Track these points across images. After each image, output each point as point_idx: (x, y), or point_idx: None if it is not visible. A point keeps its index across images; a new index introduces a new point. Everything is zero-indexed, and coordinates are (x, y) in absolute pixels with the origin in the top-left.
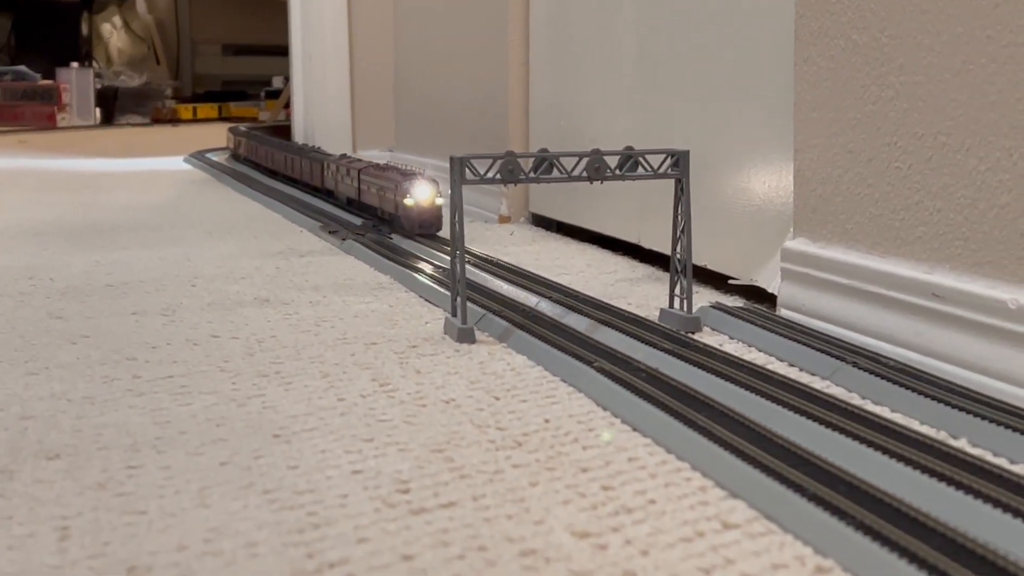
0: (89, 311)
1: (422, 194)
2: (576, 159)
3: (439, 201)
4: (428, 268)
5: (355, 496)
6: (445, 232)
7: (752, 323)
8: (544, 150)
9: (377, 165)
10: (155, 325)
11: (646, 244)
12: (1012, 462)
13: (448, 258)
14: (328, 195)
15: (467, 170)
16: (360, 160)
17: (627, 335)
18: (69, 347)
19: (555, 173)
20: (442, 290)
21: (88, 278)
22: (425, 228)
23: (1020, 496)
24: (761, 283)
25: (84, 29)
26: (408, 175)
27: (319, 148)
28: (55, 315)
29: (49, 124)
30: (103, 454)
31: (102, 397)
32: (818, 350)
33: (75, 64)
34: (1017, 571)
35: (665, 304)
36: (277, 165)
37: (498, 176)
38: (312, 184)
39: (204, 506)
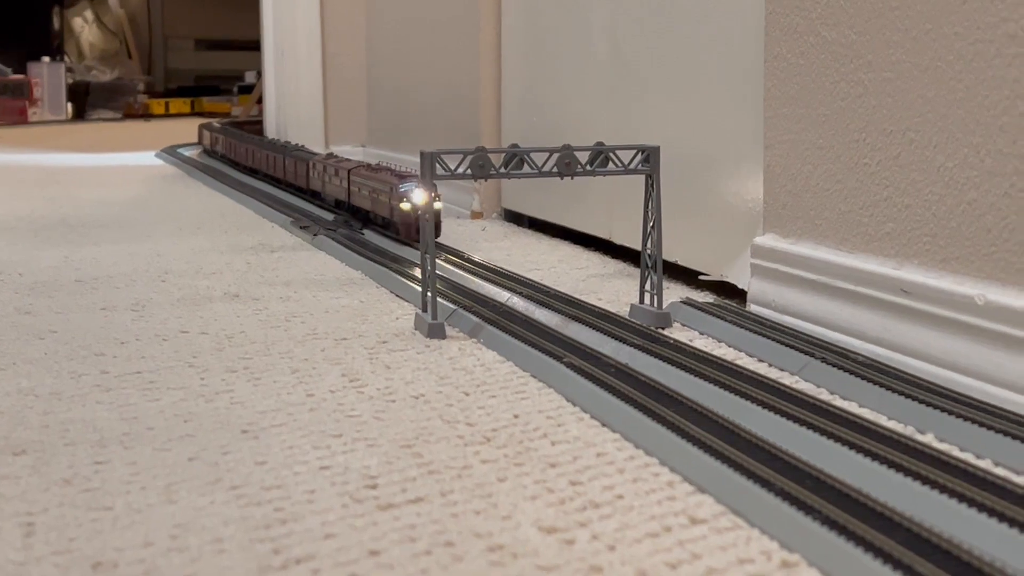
0: (57, 306)
1: (419, 198)
2: (547, 155)
3: (438, 205)
4: (399, 264)
5: (323, 492)
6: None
7: (722, 319)
8: (515, 145)
9: (368, 165)
10: (124, 321)
11: (617, 240)
12: (978, 457)
13: (419, 254)
14: (313, 196)
15: (438, 165)
16: (348, 160)
17: (597, 331)
18: (37, 342)
19: (526, 168)
20: (413, 286)
21: (57, 273)
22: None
23: (985, 491)
24: (731, 279)
25: (56, 23)
26: (404, 177)
27: (302, 146)
28: (23, 310)
29: (20, 119)
30: (70, 450)
31: (69, 393)
32: (787, 346)
33: (46, 59)
34: (981, 565)
35: (636, 299)
36: (258, 164)
37: (469, 171)
38: (296, 184)
39: (170, 502)
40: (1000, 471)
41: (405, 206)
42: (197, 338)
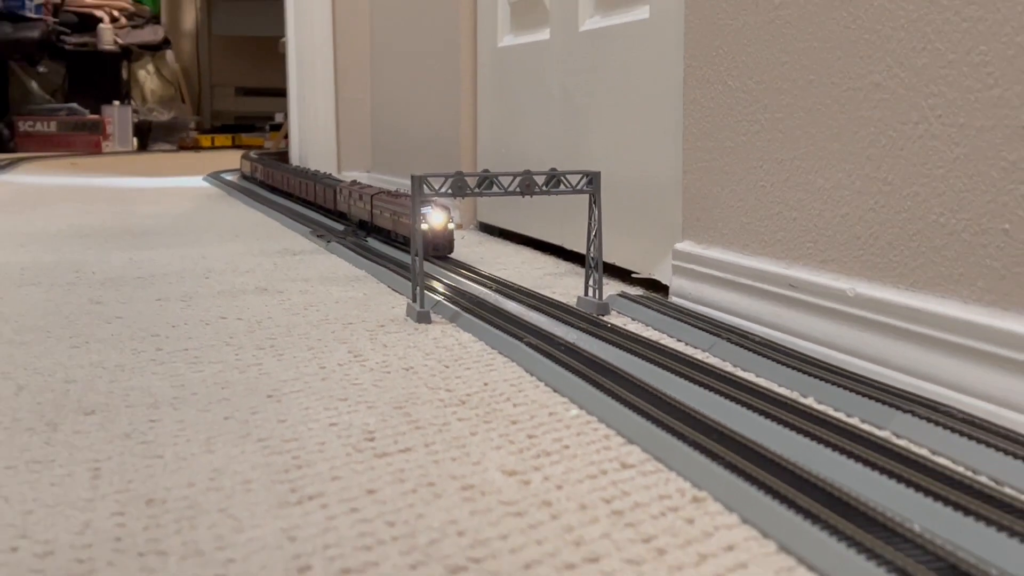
0: (122, 297)
1: (436, 220)
2: (511, 178)
3: (451, 226)
4: (395, 265)
5: (331, 444)
6: (456, 254)
7: (649, 308)
8: (486, 171)
9: (388, 192)
10: (175, 309)
11: (568, 246)
12: (848, 415)
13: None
14: (340, 216)
15: (425, 186)
16: (370, 186)
17: (551, 317)
18: (105, 326)
19: (495, 189)
20: (406, 281)
21: (123, 271)
22: (439, 251)
23: (854, 443)
24: (657, 276)
25: (124, 74)
26: (422, 202)
27: (329, 174)
28: (95, 301)
29: (95, 150)
30: (129, 411)
31: (130, 365)
32: (700, 329)
33: (116, 102)
34: (848, 499)
35: (582, 293)
36: (292, 188)
37: (449, 191)
38: (324, 206)
39: (209, 452)
40: (865, 427)
41: (423, 227)
42: (233, 323)
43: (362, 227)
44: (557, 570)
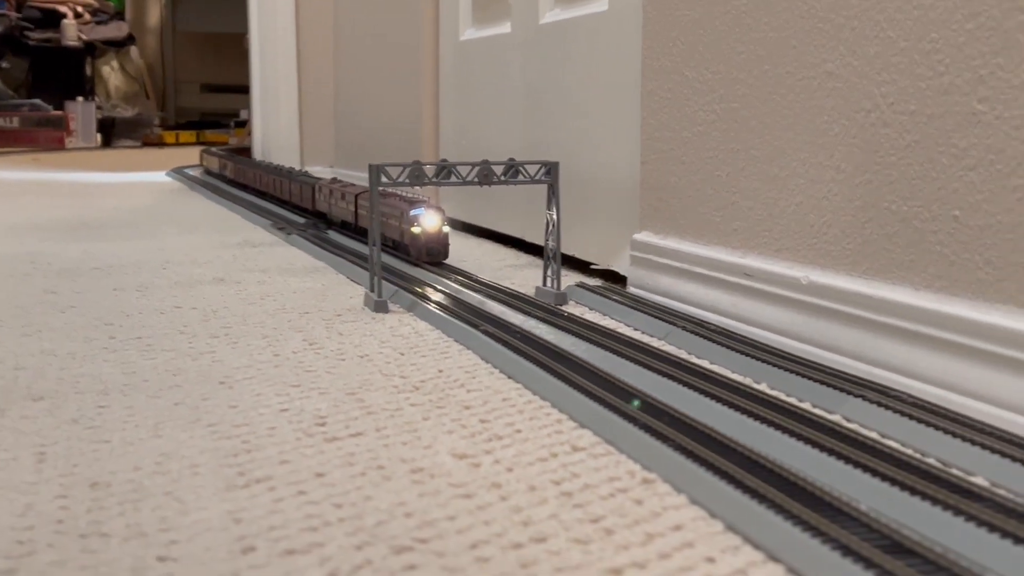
0: (78, 288)
1: (430, 222)
2: (469, 167)
3: (446, 229)
4: (354, 256)
5: (281, 428)
6: (451, 260)
7: (607, 298)
8: (444, 160)
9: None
10: (130, 298)
11: (528, 238)
12: (800, 400)
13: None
14: (319, 217)
15: (382, 176)
16: (353, 184)
17: (509, 306)
18: (59, 315)
19: (453, 179)
20: (365, 272)
21: (79, 263)
22: (433, 256)
23: (803, 425)
24: (616, 267)
25: (88, 70)
26: (414, 203)
27: (305, 171)
28: (49, 291)
29: (59, 146)
30: (79, 397)
31: (82, 353)
32: (656, 318)
33: (80, 98)
34: (792, 477)
35: (540, 283)
36: (265, 186)
37: (407, 180)
38: (302, 206)
39: (157, 436)
40: (817, 411)
41: (416, 230)
42: (188, 312)
43: (344, 227)
44: (503, 550)
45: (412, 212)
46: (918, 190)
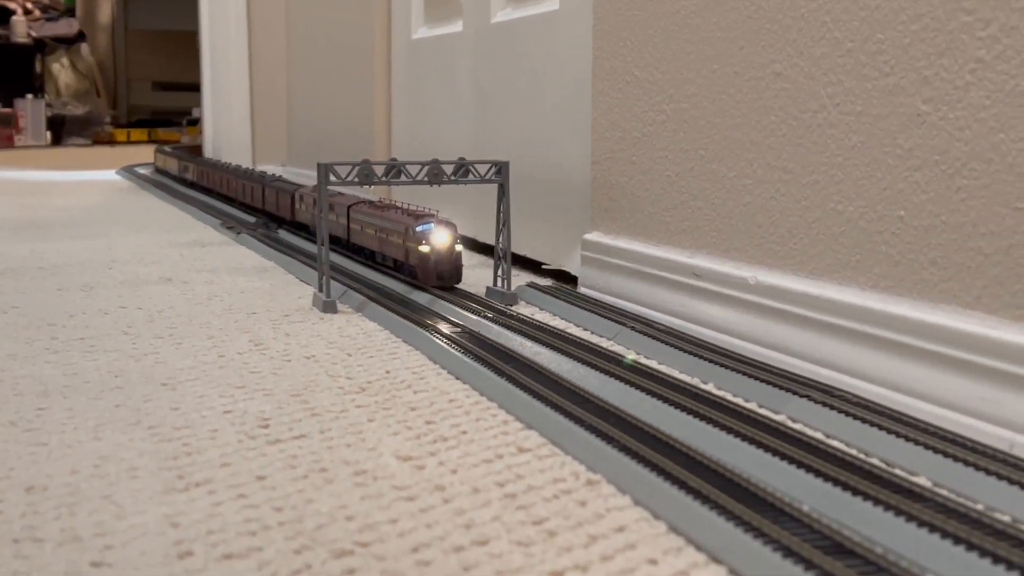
0: (21, 287)
1: (440, 240)
2: (419, 166)
3: (459, 248)
4: (304, 256)
5: (223, 431)
6: (464, 285)
7: (557, 298)
8: (394, 159)
9: (371, 202)
10: (75, 299)
11: (480, 238)
12: (746, 400)
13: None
14: (300, 228)
15: (331, 174)
16: (342, 194)
17: (458, 307)
18: (1, 316)
19: (403, 178)
20: (315, 272)
21: (24, 262)
22: (444, 279)
23: (747, 425)
24: (567, 267)
25: (37, 67)
26: (420, 217)
27: (281, 177)
28: None
29: (8, 144)
30: (18, 399)
31: (23, 354)
32: (606, 318)
33: (30, 96)
34: (734, 478)
35: (491, 283)
36: (233, 192)
37: (356, 179)
38: (279, 215)
39: (97, 439)
40: (762, 411)
41: (424, 249)
42: (133, 312)
43: (333, 242)
44: (445, 553)
45: (419, 228)
46: (864, 190)
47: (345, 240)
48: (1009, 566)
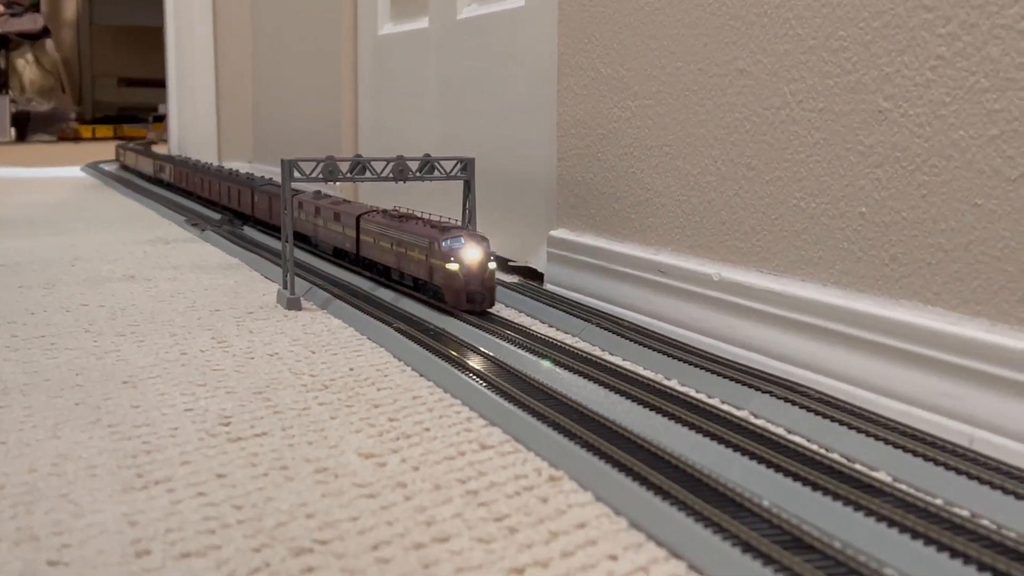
0: None
1: (471, 256)
2: (384, 163)
3: (492, 266)
4: (269, 253)
5: (184, 429)
6: (495, 308)
7: (523, 295)
8: (359, 155)
9: (386, 212)
10: (36, 296)
11: None
12: (709, 397)
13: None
14: (301, 239)
15: (295, 171)
16: (348, 201)
17: (422, 303)
18: None
19: (368, 174)
20: (279, 269)
21: None
22: (476, 302)
23: (711, 421)
24: (533, 264)
25: (2, 63)
26: (447, 230)
27: (272, 180)
28: None
29: None
30: None
31: None
32: (571, 314)
33: None
34: (696, 474)
35: None
36: (216, 196)
37: (320, 176)
38: (272, 223)
39: (55, 437)
40: (725, 407)
41: (453, 267)
42: (95, 310)
43: (338, 255)
44: (405, 550)
45: (447, 243)
46: (826, 187)
47: (354, 253)
48: (967, 560)
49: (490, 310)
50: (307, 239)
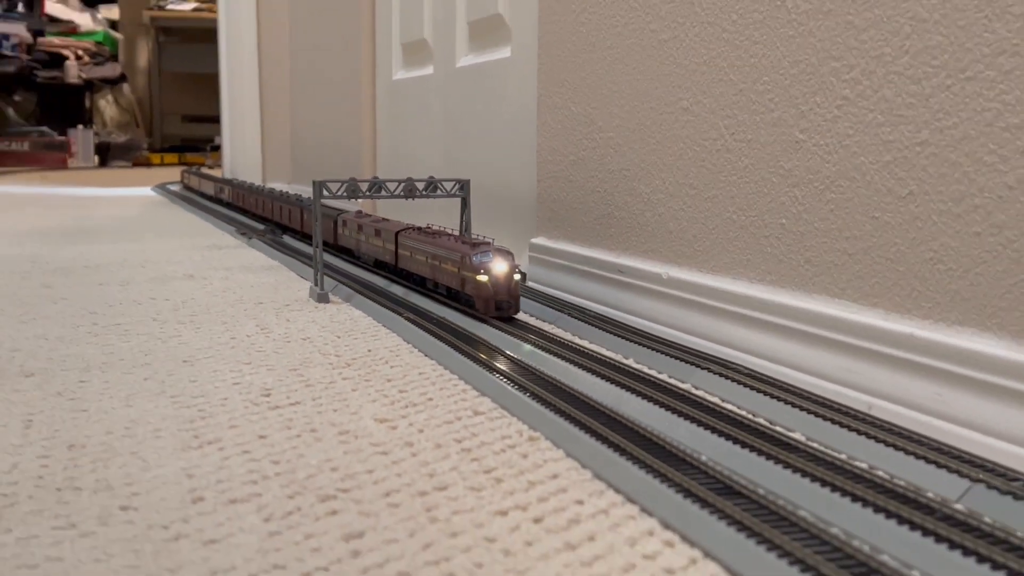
0: (70, 283)
1: (499, 268)
2: (396, 183)
3: (517, 277)
4: (305, 258)
5: (232, 399)
6: (523, 315)
7: None
8: (376, 177)
9: (420, 229)
10: (113, 291)
11: None
12: (659, 372)
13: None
14: (341, 252)
15: (324, 189)
16: (387, 220)
17: (427, 298)
18: (52, 305)
19: (383, 192)
20: (312, 269)
21: (72, 262)
22: (503, 309)
23: (659, 391)
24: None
25: (87, 103)
26: (477, 245)
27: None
28: (46, 285)
29: (62, 166)
30: (64, 374)
31: (70, 337)
32: (548, 306)
33: (80, 126)
34: (647, 434)
35: None
36: (268, 213)
37: (344, 194)
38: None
39: (128, 406)
40: (671, 380)
41: (483, 279)
42: (161, 303)
43: (378, 266)
44: (411, 496)
45: (478, 258)
46: (753, 203)
47: (392, 265)
48: (864, 504)
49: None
50: (351, 252)
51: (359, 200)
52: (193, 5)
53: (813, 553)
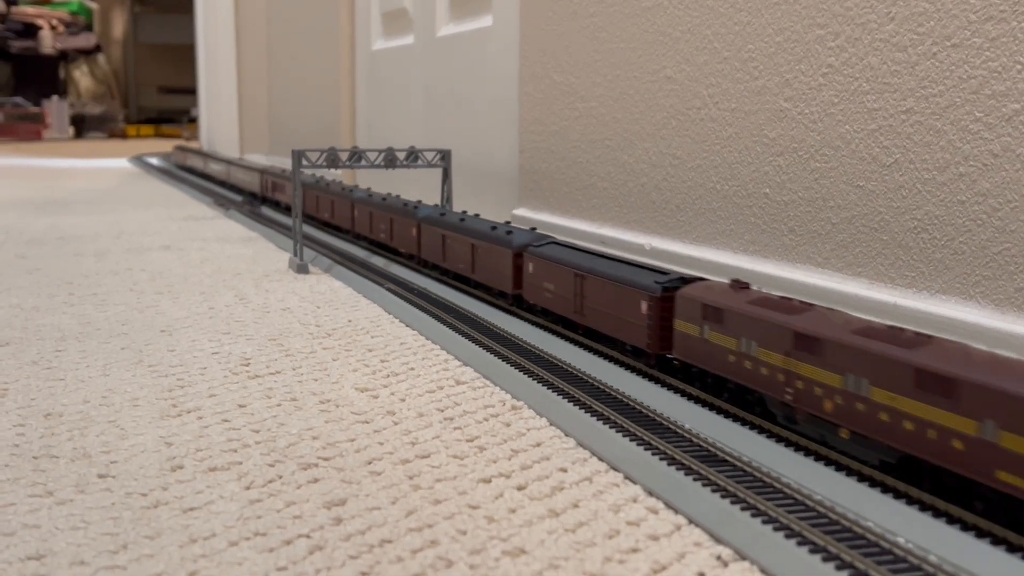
0: (44, 254)
1: None
2: (377, 153)
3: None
4: (284, 228)
5: (211, 368)
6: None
7: None
8: (356, 147)
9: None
10: (89, 262)
11: None
12: None
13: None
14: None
15: (303, 159)
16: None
17: (408, 268)
18: (26, 275)
19: (363, 163)
20: (291, 241)
21: (46, 233)
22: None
23: (639, 360)
24: None
25: (62, 73)
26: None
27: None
28: (20, 256)
29: (37, 137)
30: (39, 343)
31: (45, 307)
32: None
33: (55, 97)
34: (629, 402)
35: None
36: (367, 228)
37: (323, 163)
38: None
39: (105, 375)
40: None
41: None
42: (138, 273)
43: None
44: (394, 465)
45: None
46: (737, 173)
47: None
48: (849, 472)
49: None
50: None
51: (339, 170)
52: None
53: (798, 519)
